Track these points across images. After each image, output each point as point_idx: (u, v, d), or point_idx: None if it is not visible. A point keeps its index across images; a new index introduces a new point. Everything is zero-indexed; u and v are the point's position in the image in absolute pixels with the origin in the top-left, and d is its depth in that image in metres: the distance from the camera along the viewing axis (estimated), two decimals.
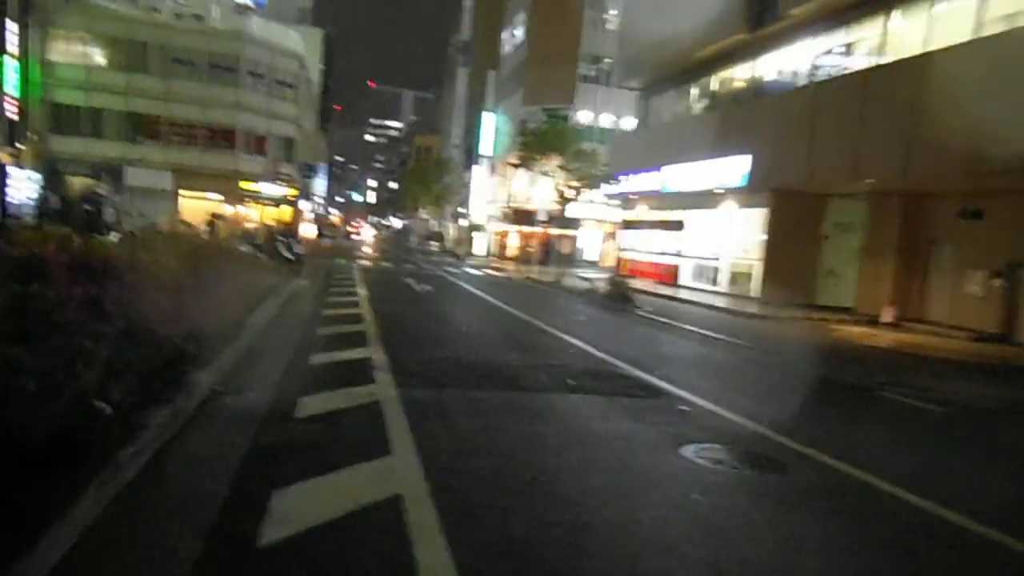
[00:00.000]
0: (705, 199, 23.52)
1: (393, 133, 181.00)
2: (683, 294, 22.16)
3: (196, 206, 35.49)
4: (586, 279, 26.94)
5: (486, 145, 50.36)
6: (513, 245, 46.30)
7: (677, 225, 25.95)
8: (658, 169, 25.16)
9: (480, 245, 51.55)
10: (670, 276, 26.18)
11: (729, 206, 22.74)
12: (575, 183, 24.52)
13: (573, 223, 42.10)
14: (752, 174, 20.32)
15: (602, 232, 45.15)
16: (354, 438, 4.77)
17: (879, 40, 17.82)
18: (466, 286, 20.49)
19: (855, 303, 19.25)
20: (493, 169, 50.15)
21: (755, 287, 21.48)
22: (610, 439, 5.27)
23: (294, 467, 4.03)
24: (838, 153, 17.37)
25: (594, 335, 11.58)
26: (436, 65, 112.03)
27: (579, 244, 43.61)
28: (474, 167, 53.13)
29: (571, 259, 41.56)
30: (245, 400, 5.50)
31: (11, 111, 30.92)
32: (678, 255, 25.92)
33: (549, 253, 39.07)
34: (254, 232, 18.97)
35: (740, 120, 21.76)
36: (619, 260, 31.00)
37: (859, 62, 18.42)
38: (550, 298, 19.34)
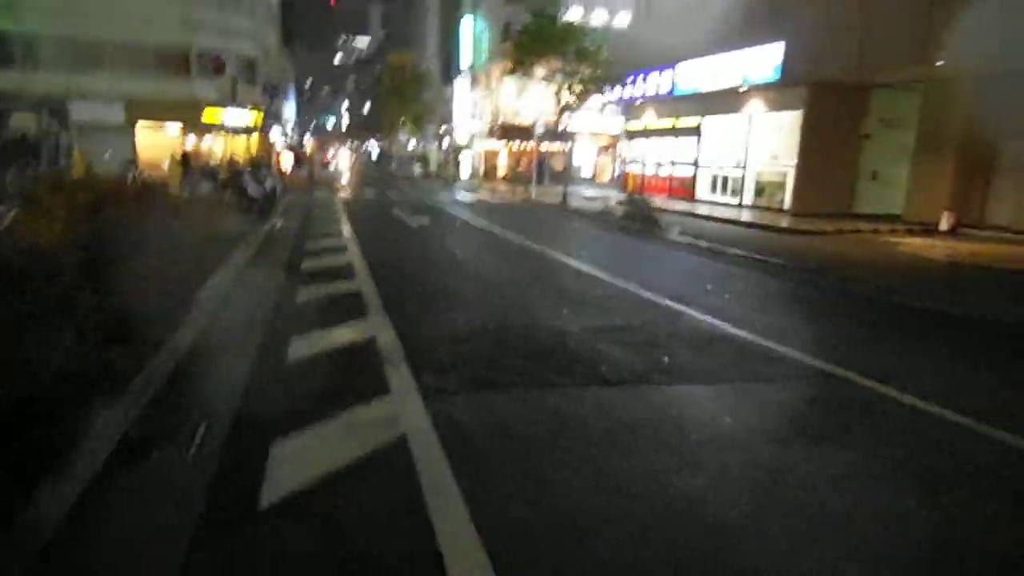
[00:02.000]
0: (726, 101, 20.85)
1: (362, 50, 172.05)
2: (705, 210, 19.85)
3: (156, 141, 32.22)
4: (593, 198, 24.56)
5: (467, 55, 46.47)
6: (503, 165, 43.32)
7: (693, 132, 23.33)
8: (671, 67, 22.29)
9: (467, 167, 48.47)
10: (685, 190, 23.79)
11: (755, 106, 20.11)
12: (577, 88, 21.65)
13: (566, 137, 39.12)
14: (785, 64, 17.65)
15: (597, 146, 42.24)
16: (374, 557, 2.59)
17: None
18: (464, 215, 18.06)
19: (905, 209, 17.07)
20: (476, 82, 46.44)
21: (787, 197, 19.21)
22: (841, 507, 3.13)
23: None
24: (901, 28, 14.73)
25: (641, 272, 9.38)
26: None
27: (574, 160, 40.68)
28: (455, 81, 49.30)
29: (566, 176, 38.83)
30: (174, 463, 3.26)
31: None
32: (695, 165, 23.42)
33: (543, 171, 36.34)
34: (214, 167, 16.36)
35: (769, 0, 18.79)
36: (625, 175, 28.46)
37: None
38: (564, 224, 16.99)
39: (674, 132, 24.53)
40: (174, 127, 32.85)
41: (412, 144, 75.49)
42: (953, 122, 15.60)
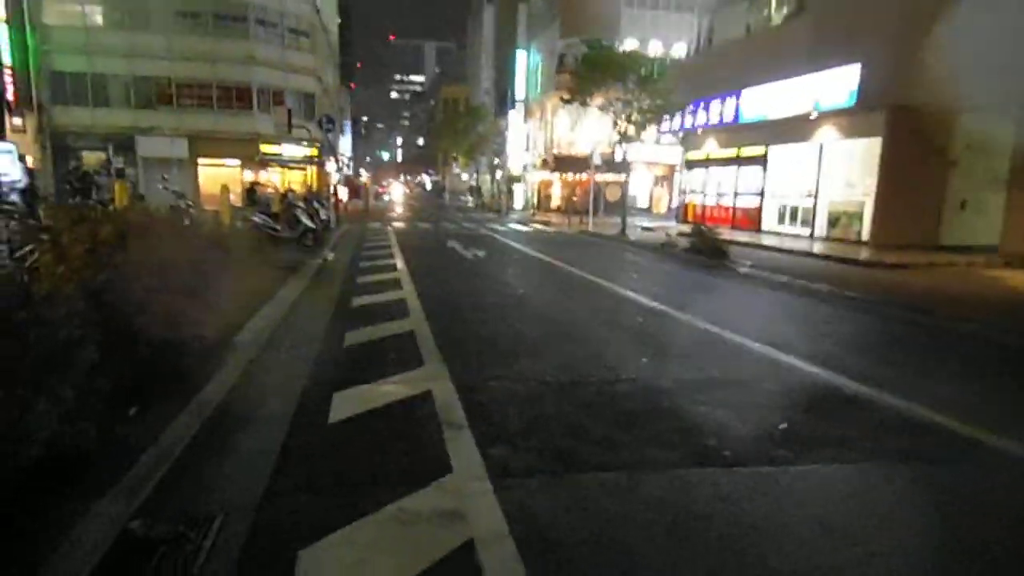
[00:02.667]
0: (796, 127, 19.74)
1: (417, 88, 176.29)
2: (774, 241, 18.67)
3: (216, 174, 32.88)
4: (651, 229, 23.61)
5: (521, 87, 46.47)
6: (556, 195, 42.74)
7: (759, 161, 22.24)
8: (735, 95, 21.35)
9: (519, 198, 48.12)
10: (750, 220, 22.62)
11: (828, 133, 18.96)
12: (637, 117, 20.89)
13: (622, 168, 38.31)
14: (862, 88, 16.52)
15: (653, 176, 41.30)
16: None
17: None
18: (520, 246, 17.36)
19: (1001, 241, 15.56)
20: (530, 114, 46.32)
21: (865, 228, 17.88)
22: None
23: None
24: (994, 50, 13.51)
25: (721, 311, 8.42)
26: (457, 10, 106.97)
27: (629, 190, 39.75)
28: (509, 113, 49.28)
29: (622, 207, 37.93)
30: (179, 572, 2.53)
31: (7, 82, 28.43)
32: (760, 195, 22.28)
33: (597, 202, 35.62)
34: (267, 198, 16.14)
35: (843, 21, 17.71)
36: (684, 205, 27.42)
37: None
38: (625, 257, 16.11)
39: (737, 161, 23.47)
40: (233, 162, 33.47)
41: (465, 176, 76.06)
42: None
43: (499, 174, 52.64)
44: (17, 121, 29.72)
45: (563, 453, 3.66)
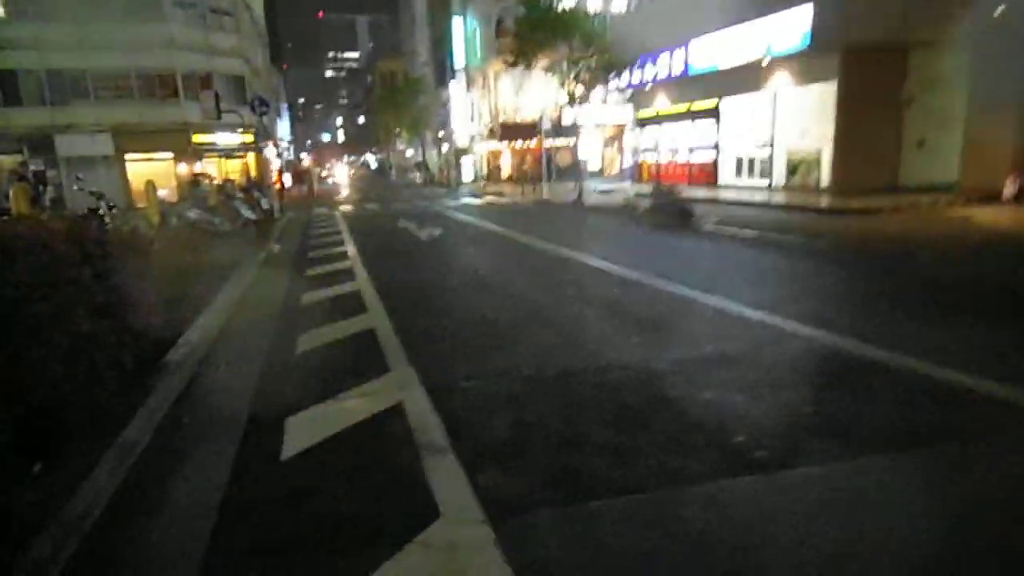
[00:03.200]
0: (747, 76, 19.34)
1: (352, 64, 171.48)
2: (734, 195, 18.34)
3: (146, 170, 30.99)
4: (608, 192, 23.11)
5: (460, 56, 45.08)
6: (507, 165, 41.86)
7: (711, 114, 21.84)
8: (683, 46, 20.80)
9: (468, 171, 47.06)
10: (707, 175, 22.31)
11: (781, 80, 18.59)
12: (585, 76, 20.13)
13: (571, 131, 37.57)
14: (816, 30, 16.13)
15: (602, 137, 40.72)
16: None
17: None
18: (476, 221, 16.62)
19: (961, 177, 15.50)
20: (472, 82, 45.05)
21: (824, 175, 17.68)
22: None
23: None
24: None
25: (698, 274, 7.94)
26: None
27: (580, 154, 39.10)
28: (450, 84, 47.90)
29: (572, 172, 37.26)
30: None
31: None
32: (715, 149, 21.93)
33: (548, 168, 34.96)
34: (203, 191, 15.01)
35: None
36: (638, 165, 26.97)
37: None
38: (587, 223, 15.54)
39: (690, 116, 23.05)
40: (165, 155, 31.60)
41: (410, 152, 74.30)
42: (1015, 78, 14.03)
43: (445, 147, 51.39)
44: None
45: (567, 472, 3.04)
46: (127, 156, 30.91)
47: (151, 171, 30.54)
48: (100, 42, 29.62)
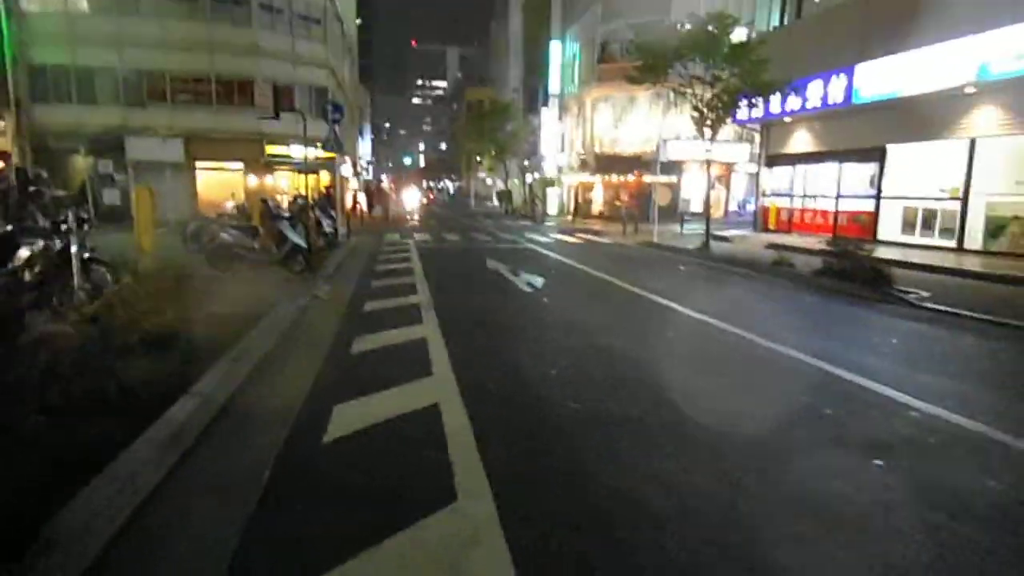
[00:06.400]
0: (932, 111, 15.20)
1: (439, 92, 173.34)
2: (916, 256, 14.05)
3: (216, 179, 29.06)
4: (727, 239, 19.22)
5: (555, 81, 42.20)
6: (598, 200, 38.28)
7: (872, 154, 17.68)
8: (846, 72, 16.82)
9: (553, 202, 43.71)
10: (860, 228, 18.04)
11: (985, 115, 14.37)
12: (725, 100, 16.36)
13: (669, 167, 33.70)
14: None
15: (707, 176, 36.65)
16: None
17: None
18: (583, 267, 13.02)
19: None
20: (566, 110, 42.00)
21: None
22: None
23: None
24: None
25: (972, 390, 4.07)
26: (479, 16, 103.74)
27: (682, 194, 35.15)
28: (542, 110, 44.98)
29: (673, 212, 33.31)
30: None
31: None
32: (875, 197, 17.70)
33: (647, 207, 31.18)
34: (241, 210, 12.17)
35: None
36: (764, 210, 22.87)
37: None
38: (739, 285, 11.67)
39: (841, 155, 18.95)
40: (235, 165, 29.66)
41: (489, 180, 72.00)
42: None
43: (530, 177, 48.41)
44: None
45: None
46: (197, 164, 29.05)
47: (220, 181, 28.58)
48: (182, 42, 28.02)
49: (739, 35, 17.94)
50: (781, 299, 9.92)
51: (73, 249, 6.22)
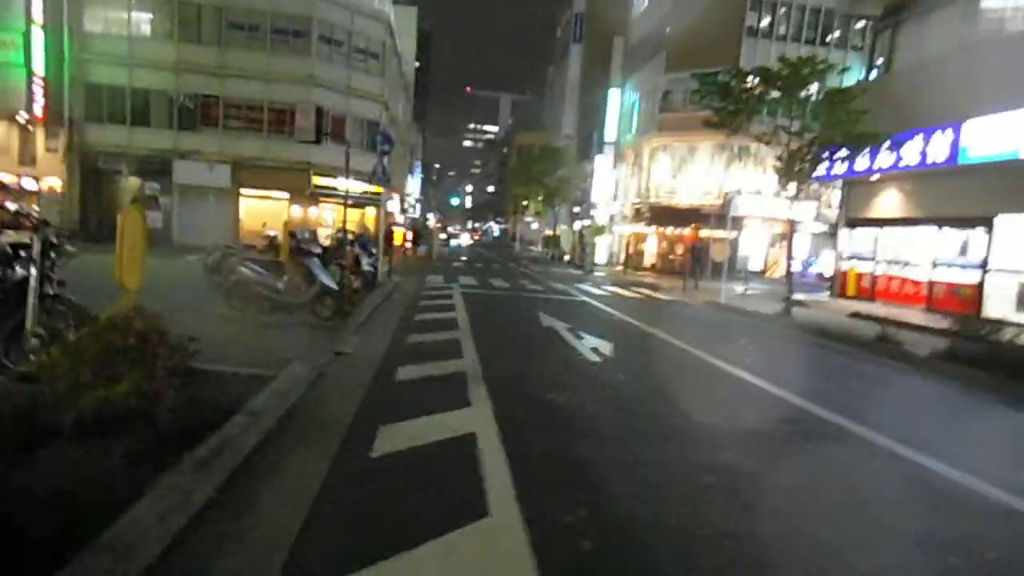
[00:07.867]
0: None
1: (490, 136, 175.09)
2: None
3: (259, 209, 28.31)
4: (802, 303, 17.25)
5: (612, 129, 41.05)
6: (651, 251, 36.54)
7: (978, 221, 15.68)
8: (952, 128, 15.00)
9: (601, 251, 42.05)
10: (961, 302, 15.92)
11: None
12: (813, 154, 14.65)
13: (732, 223, 31.79)
14: None
15: (768, 234, 34.69)
16: None
17: None
18: (655, 332, 11.27)
19: None
20: (621, 159, 40.70)
21: None
22: None
23: None
24: None
25: None
26: (534, 65, 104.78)
27: (741, 250, 33.15)
28: (596, 158, 43.78)
29: (729, 269, 31.36)
30: None
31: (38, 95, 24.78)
32: (982, 268, 15.62)
33: (701, 261, 29.27)
34: (271, 243, 10.91)
35: None
36: (843, 275, 20.82)
37: None
38: (836, 362, 9.78)
39: (940, 220, 16.96)
40: (281, 195, 28.96)
41: (535, 225, 71.00)
42: None
43: (579, 224, 47.03)
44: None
45: None
46: (242, 191, 28.42)
47: (264, 210, 27.82)
48: (239, 70, 27.72)
49: (832, 83, 16.31)
50: (885, 382, 8.03)
51: (31, 283, 4.84)
